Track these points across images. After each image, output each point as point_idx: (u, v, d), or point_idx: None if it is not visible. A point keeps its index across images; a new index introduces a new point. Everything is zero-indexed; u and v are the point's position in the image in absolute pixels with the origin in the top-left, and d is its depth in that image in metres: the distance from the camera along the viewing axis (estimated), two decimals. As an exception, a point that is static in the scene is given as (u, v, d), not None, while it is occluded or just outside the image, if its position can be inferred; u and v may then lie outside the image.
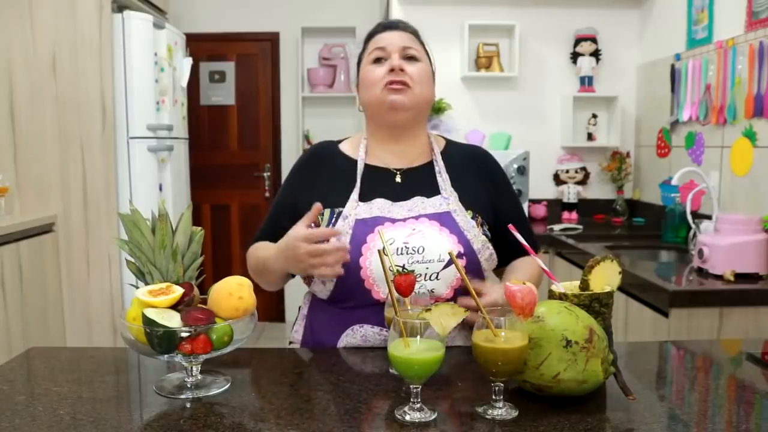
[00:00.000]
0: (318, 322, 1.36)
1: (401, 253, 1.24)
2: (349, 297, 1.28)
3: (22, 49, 2.98)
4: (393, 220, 1.29)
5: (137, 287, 1.05)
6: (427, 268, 1.24)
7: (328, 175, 1.38)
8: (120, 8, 3.15)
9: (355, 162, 1.39)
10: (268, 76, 4.73)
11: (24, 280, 2.77)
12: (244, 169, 4.74)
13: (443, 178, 1.37)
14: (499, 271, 1.47)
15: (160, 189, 3.30)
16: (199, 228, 1.13)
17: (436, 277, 1.25)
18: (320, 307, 1.36)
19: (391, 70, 1.33)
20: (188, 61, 3.59)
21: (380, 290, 1.25)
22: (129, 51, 3.07)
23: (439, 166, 1.39)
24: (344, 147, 1.44)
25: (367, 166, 1.39)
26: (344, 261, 1.19)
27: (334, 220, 1.30)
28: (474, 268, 1.29)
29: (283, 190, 1.44)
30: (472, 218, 1.33)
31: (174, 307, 1.02)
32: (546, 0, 3.52)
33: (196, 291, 1.07)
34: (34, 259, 2.85)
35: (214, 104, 4.74)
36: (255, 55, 4.72)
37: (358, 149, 1.42)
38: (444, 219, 1.30)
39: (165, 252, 1.07)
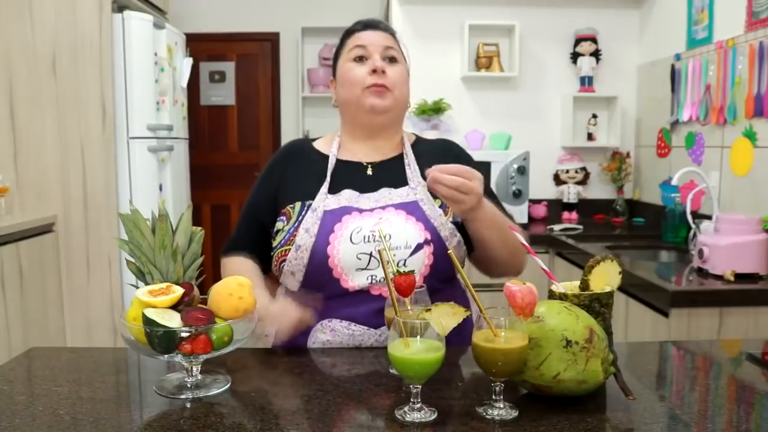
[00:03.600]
0: None
1: (368, 241, 1.27)
2: (318, 287, 1.30)
3: (22, 49, 2.98)
4: (360, 210, 1.32)
5: (137, 287, 1.05)
6: (395, 255, 1.26)
7: (300, 170, 1.40)
8: (120, 8, 3.15)
9: (327, 158, 1.41)
10: (268, 76, 4.73)
11: (24, 280, 2.77)
12: (243, 169, 4.74)
13: (412, 170, 1.39)
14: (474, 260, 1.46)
15: (160, 189, 3.30)
16: (199, 228, 1.13)
17: (404, 264, 1.27)
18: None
19: (374, 72, 1.35)
20: (188, 61, 3.59)
21: (348, 279, 1.28)
22: (129, 51, 3.07)
23: (409, 159, 1.41)
24: (318, 144, 1.47)
25: (339, 161, 1.41)
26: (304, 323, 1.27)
27: (304, 212, 1.33)
28: (442, 255, 1.30)
29: (259, 188, 1.45)
30: (441, 207, 1.35)
31: (174, 307, 1.02)
32: (546, 0, 3.52)
33: (196, 291, 1.07)
34: (34, 259, 2.84)
35: (214, 104, 4.74)
36: (255, 55, 4.72)
37: (331, 146, 1.44)
38: (410, 208, 1.33)
39: (165, 252, 1.07)
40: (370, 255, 1.26)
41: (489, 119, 3.59)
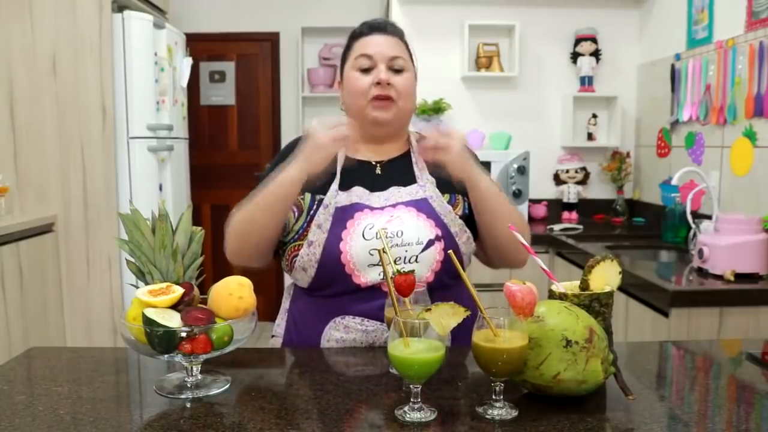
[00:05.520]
0: (300, 315, 1.38)
1: (380, 237, 1.26)
2: (330, 283, 1.30)
3: (22, 49, 2.98)
4: (371, 208, 1.32)
5: (137, 287, 1.05)
6: (407, 251, 1.27)
7: None
8: (120, 8, 3.15)
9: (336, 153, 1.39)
10: (268, 76, 4.73)
11: (24, 280, 2.77)
12: (244, 169, 4.74)
13: (419, 167, 1.40)
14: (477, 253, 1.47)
15: (160, 189, 3.30)
16: (199, 228, 1.13)
17: (416, 260, 1.28)
18: (301, 299, 1.38)
19: (378, 83, 1.34)
20: (188, 61, 3.59)
21: (360, 275, 1.28)
22: (129, 51, 3.07)
23: (416, 156, 1.42)
24: None
25: (347, 158, 1.40)
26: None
27: (315, 206, 1.33)
28: (453, 251, 1.30)
29: (275, 169, 1.37)
30: (449, 203, 1.36)
31: (174, 307, 1.02)
32: (546, 0, 3.53)
33: (196, 291, 1.07)
34: (34, 259, 2.84)
35: (214, 104, 4.74)
36: (255, 55, 4.72)
37: None
38: (420, 205, 1.33)
39: (165, 252, 1.07)
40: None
41: (489, 119, 3.59)
